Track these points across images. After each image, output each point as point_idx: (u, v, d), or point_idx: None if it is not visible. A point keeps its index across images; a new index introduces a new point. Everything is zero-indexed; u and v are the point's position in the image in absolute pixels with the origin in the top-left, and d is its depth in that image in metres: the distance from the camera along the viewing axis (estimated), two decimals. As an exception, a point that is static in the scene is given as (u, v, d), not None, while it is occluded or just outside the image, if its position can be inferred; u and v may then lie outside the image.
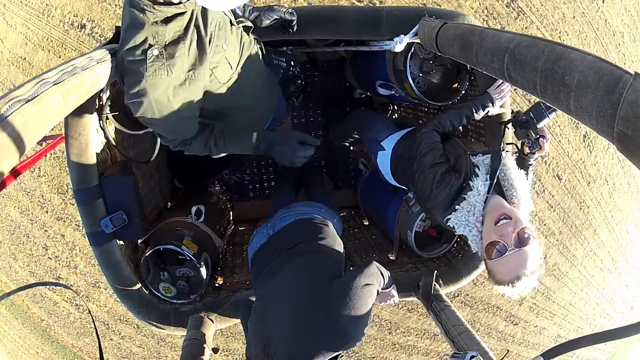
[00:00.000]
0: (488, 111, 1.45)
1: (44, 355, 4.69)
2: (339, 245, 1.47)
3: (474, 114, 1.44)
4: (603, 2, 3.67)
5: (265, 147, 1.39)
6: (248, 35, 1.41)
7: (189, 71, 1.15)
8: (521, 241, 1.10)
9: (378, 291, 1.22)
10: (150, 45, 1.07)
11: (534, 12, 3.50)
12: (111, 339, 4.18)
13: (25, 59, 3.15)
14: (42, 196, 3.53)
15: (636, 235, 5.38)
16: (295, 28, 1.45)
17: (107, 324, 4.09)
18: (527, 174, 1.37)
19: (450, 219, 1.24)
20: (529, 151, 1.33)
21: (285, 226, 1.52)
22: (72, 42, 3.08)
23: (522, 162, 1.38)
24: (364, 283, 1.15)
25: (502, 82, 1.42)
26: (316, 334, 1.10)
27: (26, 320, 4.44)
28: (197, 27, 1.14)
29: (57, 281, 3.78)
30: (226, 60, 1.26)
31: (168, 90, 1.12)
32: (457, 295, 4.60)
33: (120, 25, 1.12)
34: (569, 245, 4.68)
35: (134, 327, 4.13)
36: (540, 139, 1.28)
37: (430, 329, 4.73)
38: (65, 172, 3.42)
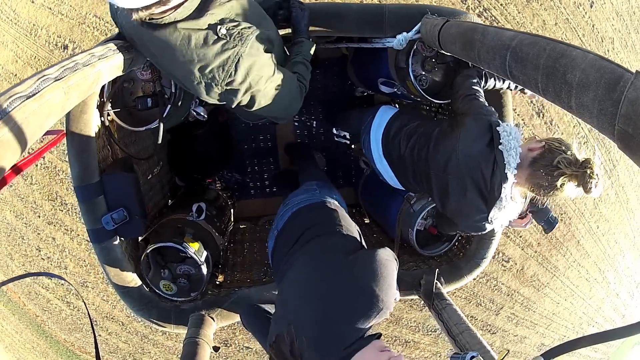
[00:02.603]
0: None
1: (39, 350, 4.84)
2: (345, 218, 1.44)
3: None
4: (591, 6, 3.49)
5: (305, 24, 1.43)
6: None
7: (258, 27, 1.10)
8: None
9: None
10: (216, 25, 0.98)
11: (509, 21, 3.34)
12: (99, 335, 4.37)
13: (16, 75, 3.24)
14: (35, 202, 3.72)
15: (626, 244, 5.24)
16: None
17: (95, 321, 4.25)
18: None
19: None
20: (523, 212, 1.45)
21: (286, 222, 1.51)
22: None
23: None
24: (386, 257, 1.13)
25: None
26: (344, 308, 1.05)
27: (22, 316, 4.60)
28: None
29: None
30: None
31: (265, 51, 1.07)
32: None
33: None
34: (549, 256, 4.60)
35: (119, 324, 4.27)
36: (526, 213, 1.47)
37: (401, 336, 4.67)
38: (55, 181, 3.61)
